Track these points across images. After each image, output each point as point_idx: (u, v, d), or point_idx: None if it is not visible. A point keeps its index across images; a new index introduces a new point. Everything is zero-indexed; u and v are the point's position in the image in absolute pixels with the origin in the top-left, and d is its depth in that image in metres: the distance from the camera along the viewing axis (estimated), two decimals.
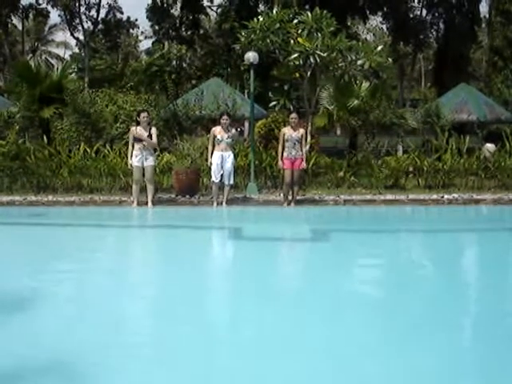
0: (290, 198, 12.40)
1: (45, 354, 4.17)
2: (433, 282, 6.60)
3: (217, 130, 12.28)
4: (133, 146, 12.20)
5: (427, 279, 6.76)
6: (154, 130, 12.35)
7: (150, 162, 12.24)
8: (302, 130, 12.37)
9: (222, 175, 12.24)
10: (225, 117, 12.43)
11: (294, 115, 12.34)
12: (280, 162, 12.37)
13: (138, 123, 12.36)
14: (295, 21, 14.85)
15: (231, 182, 12.46)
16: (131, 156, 12.21)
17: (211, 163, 12.25)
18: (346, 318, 5.04)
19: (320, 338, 4.51)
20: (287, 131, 12.22)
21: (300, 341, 4.50)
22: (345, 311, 5.26)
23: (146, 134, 12.14)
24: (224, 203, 12.28)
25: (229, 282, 6.66)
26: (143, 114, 12.37)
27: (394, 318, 5.07)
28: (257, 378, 3.81)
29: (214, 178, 12.25)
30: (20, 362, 4.04)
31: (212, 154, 12.24)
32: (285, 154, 12.20)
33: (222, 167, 12.21)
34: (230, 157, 12.33)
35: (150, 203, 12.25)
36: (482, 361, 4.12)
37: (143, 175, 12.23)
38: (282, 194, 12.76)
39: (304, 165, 12.43)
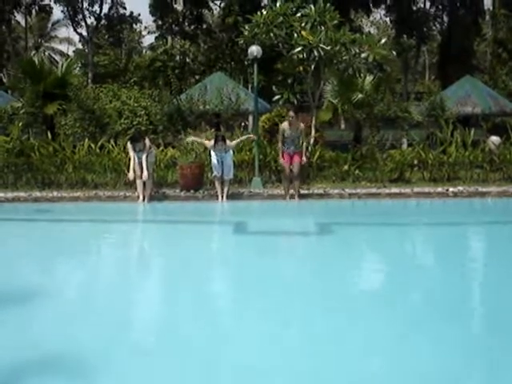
0: (291, 191, 12.46)
1: (48, 348, 4.19)
2: (438, 274, 6.59)
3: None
4: (134, 159, 12.38)
5: (433, 272, 6.75)
6: (147, 142, 12.55)
7: (148, 158, 12.38)
8: (301, 126, 12.49)
9: (222, 170, 12.43)
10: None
11: (291, 113, 12.48)
12: (281, 160, 12.50)
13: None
14: (298, 14, 14.79)
15: (231, 176, 12.66)
16: (134, 168, 12.32)
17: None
18: (351, 311, 5.03)
19: (325, 330, 4.51)
20: (287, 128, 12.35)
21: (305, 332, 4.50)
22: (350, 304, 5.25)
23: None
24: (225, 197, 12.38)
25: (235, 275, 6.66)
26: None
27: (400, 311, 5.06)
28: (261, 370, 3.80)
29: (215, 173, 12.38)
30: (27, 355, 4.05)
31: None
32: (284, 148, 12.35)
33: (222, 162, 12.37)
34: (228, 152, 12.60)
35: (146, 198, 12.30)
36: (487, 354, 4.11)
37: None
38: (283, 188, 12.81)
39: (304, 159, 12.49)
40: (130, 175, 12.34)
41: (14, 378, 3.71)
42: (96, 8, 41.13)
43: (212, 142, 12.63)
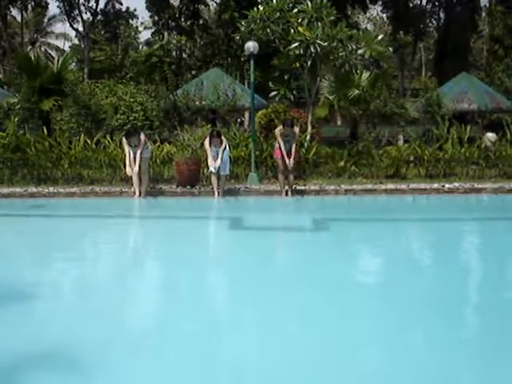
0: (286, 187, 12.50)
1: (47, 343, 4.19)
2: (433, 270, 6.61)
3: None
4: (129, 154, 12.32)
5: (427, 267, 6.77)
6: (142, 137, 12.46)
7: (144, 153, 12.33)
8: (296, 130, 12.58)
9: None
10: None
11: (289, 129, 12.48)
12: (276, 156, 12.58)
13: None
14: (295, 10, 14.79)
15: (227, 172, 12.71)
16: (129, 163, 12.28)
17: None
18: (346, 306, 5.04)
19: (321, 326, 4.52)
20: (283, 133, 12.41)
21: (302, 329, 4.51)
22: (345, 299, 5.27)
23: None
24: (221, 193, 12.39)
25: (231, 270, 6.66)
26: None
27: (395, 306, 5.07)
28: (260, 367, 3.81)
29: (211, 169, 12.37)
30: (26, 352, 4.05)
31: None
32: (278, 146, 12.40)
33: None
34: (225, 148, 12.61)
35: (142, 194, 12.30)
36: (483, 350, 4.12)
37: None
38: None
39: (291, 161, 12.45)
40: (128, 171, 12.33)
41: (8, 372, 3.72)
42: (92, 3, 41.10)
43: (207, 140, 12.58)
